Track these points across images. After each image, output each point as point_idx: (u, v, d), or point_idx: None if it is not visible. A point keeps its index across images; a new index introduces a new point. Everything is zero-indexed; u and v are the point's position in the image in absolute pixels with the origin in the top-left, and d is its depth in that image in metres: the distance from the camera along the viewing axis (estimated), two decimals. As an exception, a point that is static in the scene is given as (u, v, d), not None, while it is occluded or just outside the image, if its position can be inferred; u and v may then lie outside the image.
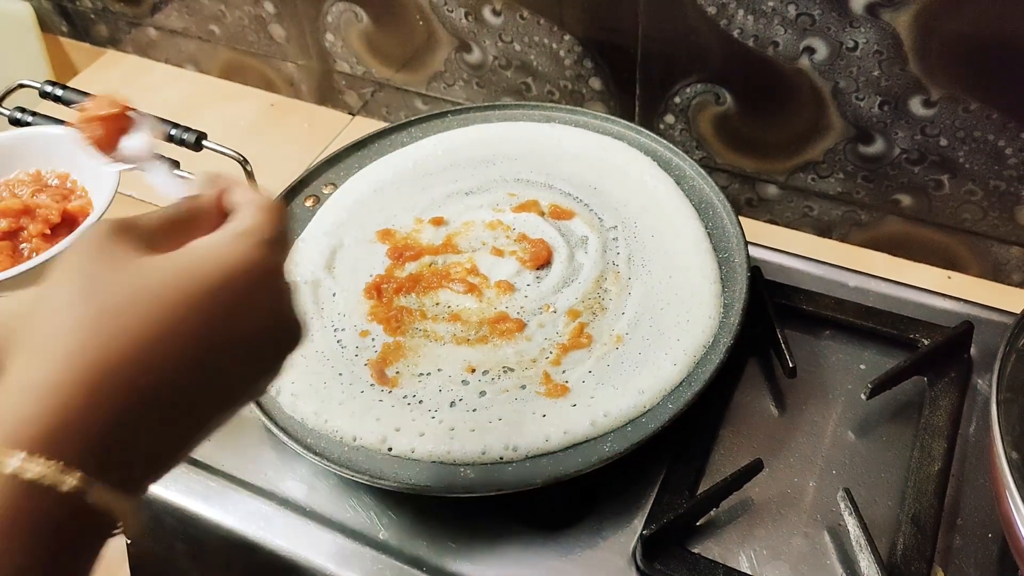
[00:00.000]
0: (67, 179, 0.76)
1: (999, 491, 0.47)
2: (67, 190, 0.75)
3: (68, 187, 0.75)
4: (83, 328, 0.30)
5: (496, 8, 0.78)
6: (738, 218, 0.66)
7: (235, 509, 0.58)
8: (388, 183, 0.73)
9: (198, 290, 0.32)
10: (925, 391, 0.60)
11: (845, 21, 0.63)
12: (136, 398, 0.30)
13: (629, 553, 0.54)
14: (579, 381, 0.58)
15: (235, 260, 0.34)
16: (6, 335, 0.32)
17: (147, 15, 1.02)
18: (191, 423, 0.33)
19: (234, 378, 0.34)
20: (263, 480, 0.59)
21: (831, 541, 0.54)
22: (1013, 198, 0.67)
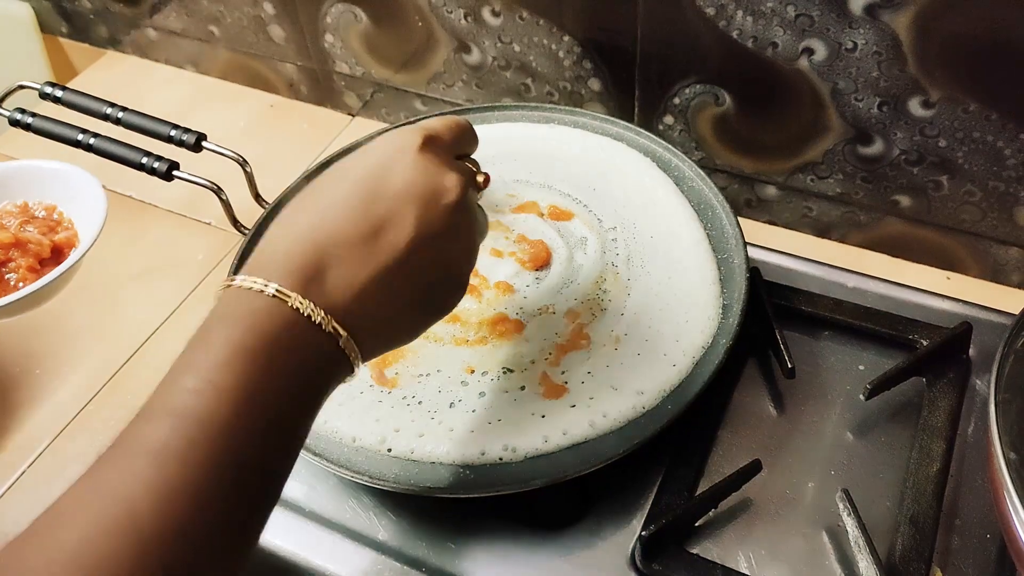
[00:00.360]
0: (54, 211, 0.76)
1: (997, 492, 0.47)
2: (54, 222, 0.76)
3: (55, 219, 0.76)
4: (293, 210, 0.44)
5: (495, 9, 0.78)
6: (737, 219, 0.66)
7: (234, 510, 0.58)
8: (387, 184, 0.73)
9: (356, 164, 0.45)
10: (924, 392, 0.60)
11: (844, 22, 0.63)
12: (328, 247, 0.41)
13: (628, 554, 0.54)
14: (578, 382, 0.58)
15: (386, 139, 0.46)
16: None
17: (146, 16, 1.02)
18: (373, 277, 0.42)
19: (396, 230, 0.42)
20: (262, 481, 0.59)
21: (830, 542, 0.54)
22: (1012, 199, 0.67)
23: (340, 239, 0.41)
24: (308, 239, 0.41)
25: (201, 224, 0.85)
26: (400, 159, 0.44)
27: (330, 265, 0.40)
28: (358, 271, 0.41)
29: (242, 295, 0.39)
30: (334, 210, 0.42)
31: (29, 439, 0.68)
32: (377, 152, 0.45)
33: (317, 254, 0.40)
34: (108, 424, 0.68)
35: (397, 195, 0.43)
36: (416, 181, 0.44)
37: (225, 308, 0.39)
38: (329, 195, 0.43)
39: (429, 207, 0.44)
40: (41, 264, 0.71)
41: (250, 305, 0.38)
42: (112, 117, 0.75)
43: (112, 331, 0.75)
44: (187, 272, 0.80)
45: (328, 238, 0.41)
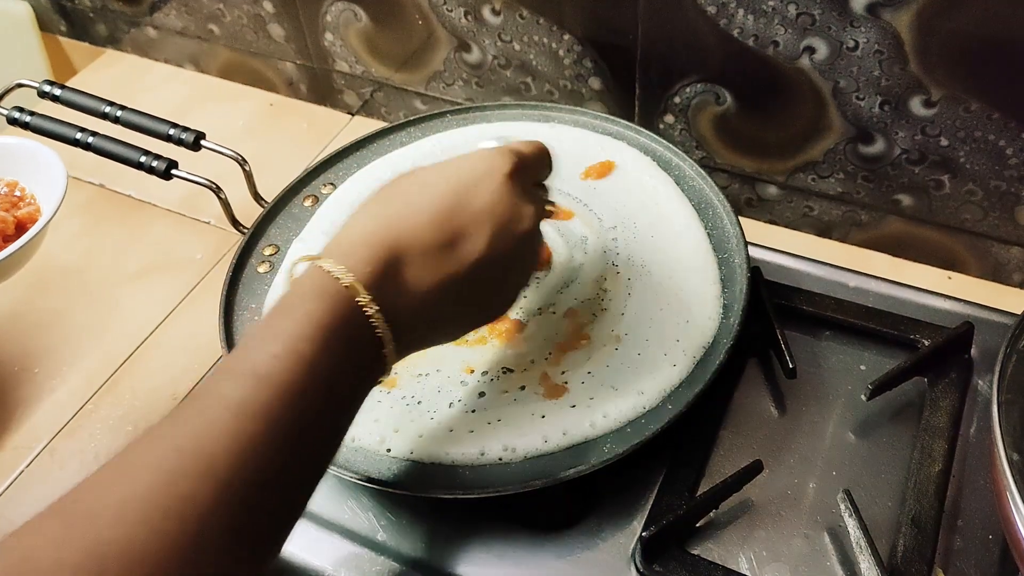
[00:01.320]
0: (16, 187, 0.76)
1: (1000, 492, 0.47)
2: (16, 198, 0.75)
3: (17, 195, 0.76)
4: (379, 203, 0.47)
5: (495, 7, 0.77)
6: (738, 218, 0.65)
7: (233, 510, 0.58)
8: (387, 183, 0.73)
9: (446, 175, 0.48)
10: (925, 392, 0.60)
11: (846, 21, 0.63)
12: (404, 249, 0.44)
13: (628, 554, 0.54)
14: (578, 382, 0.57)
15: (479, 157, 0.48)
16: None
17: (146, 14, 1.02)
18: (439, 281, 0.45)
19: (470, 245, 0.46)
20: (261, 481, 0.59)
21: (831, 542, 0.54)
22: (1014, 198, 0.67)
23: (419, 242, 0.45)
24: (390, 235, 0.44)
25: (200, 223, 0.85)
26: (488, 180, 0.47)
27: (404, 264, 0.44)
28: (425, 276, 0.45)
29: (324, 277, 0.42)
30: (419, 215, 0.45)
31: (28, 438, 0.68)
32: (467, 168, 0.48)
33: (395, 251, 0.44)
34: (107, 423, 0.68)
35: (477, 213, 0.46)
36: (497, 204, 0.47)
37: (310, 284, 0.42)
38: (416, 198, 0.46)
39: (504, 231, 0.47)
40: (4, 240, 0.70)
41: (328, 288, 0.42)
42: (111, 116, 0.74)
43: (111, 330, 0.75)
44: (186, 271, 0.80)
45: (408, 239, 0.44)
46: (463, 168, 0.48)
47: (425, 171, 0.49)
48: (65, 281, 0.80)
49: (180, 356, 0.72)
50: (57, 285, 0.79)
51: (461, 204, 0.46)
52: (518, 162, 0.49)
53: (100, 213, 0.87)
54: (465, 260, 0.46)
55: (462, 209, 0.46)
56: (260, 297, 0.65)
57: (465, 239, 0.46)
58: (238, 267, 0.67)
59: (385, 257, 0.44)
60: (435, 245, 0.45)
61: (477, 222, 0.46)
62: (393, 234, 0.44)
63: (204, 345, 0.71)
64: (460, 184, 0.47)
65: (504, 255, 0.47)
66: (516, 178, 0.48)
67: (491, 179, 0.47)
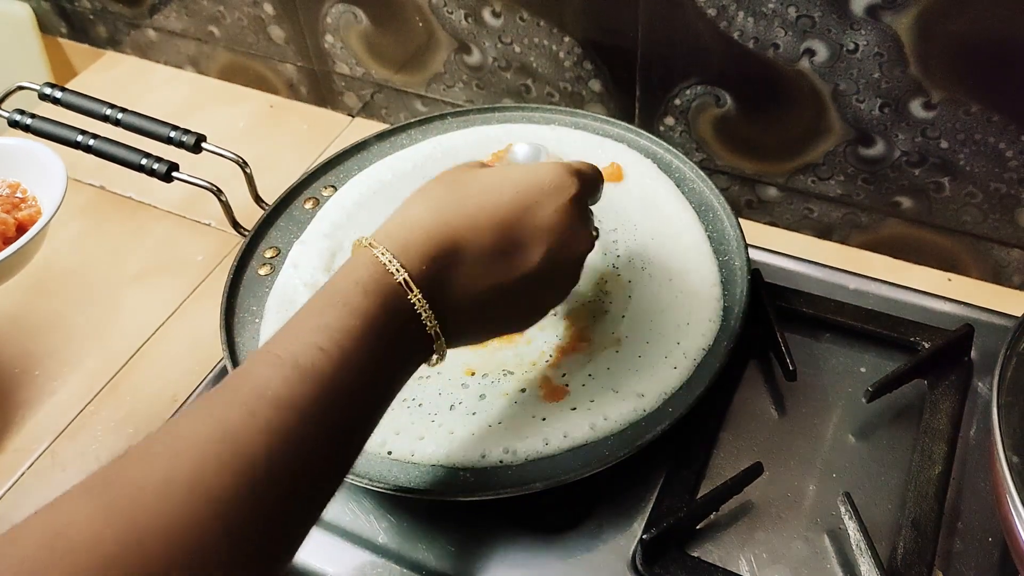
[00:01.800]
0: (18, 188, 0.76)
1: (999, 495, 0.47)
2: (18, 199, 0.75)
3: (19, 196, 0.76)
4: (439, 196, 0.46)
5: (496, 10, 0.77)
6: (738, 220, 0.66)
7: (234, 512, 0.58)
8: (388, 185, 0.73)
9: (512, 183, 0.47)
10: (925, 394, 0.60)
11: (846, 23, 0.63)
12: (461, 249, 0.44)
13: (629, 557, 0.54)
14: (579, 384, 0.57)
15: (547, 171, 0.48)
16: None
17: (146, 16, 1.02)
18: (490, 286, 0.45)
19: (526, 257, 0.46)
20: (262, 483, 0.59)
21: (831, 545, 0.54)
22: (1014, 201, 0.67)
23: (476, 245, 0.45)
24: (449, 231, 0.44)
25: (201, 225, 0.85)
26: (554, 198, 0.47)
27: (459, 263, 0.44)
28: (479, 279, 0.45)
29: (377, 268, 0.42)
30: (481, 216, 0.45)
31: (28, 440, 0.68)
32: (535, 180, 0.48)
33: (451, 249, 0.44)
34: (108, 425, 0.68)
35: (538, 228, 0.47)
36: (559, 224, 0.47)
37: (361, 274, 0.42)
38: (481, 197, 0.46)
39: (559, 251, 0.47)
40: (5, 242, 0.70)
41: (381, 281, 0.42)
42: (112, 118, 0.74)
43: (112, 332, 0.75)
44: (187, 273, 0.80)
45: (467, 239, 0.44)
46: (531, 179, 0.48)
47: (491, 172, 0.48)
48: (66, 283, 0.80)
49: (181, 358, 0.72)
50: (58, 287, 0.80)
51: (524, 214, 0.46)
52: (583, 187, 0.49)
53: (101, 215, 0.87)
54: (516, 271, 0.46)
55: (524, 220, 0.46)
56: (261, 299, 0.65)
57: (521, 250, 0.46)
58: (239, 269, 0.67)
59: (441, 254, 0.44)
60: (492, 250, 0.45)
61: (537, 237, 0.46)
62: (452, 231, 0.44)
63: (205, 347, 0.71)
64: (527, 194, 0.47)
65: (553, 274, 0.48)
66: (579, 203, 0.49)
67: (558, 197, 0.48)
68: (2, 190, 0.76)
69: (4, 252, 0.66)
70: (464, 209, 0.45)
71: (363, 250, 0.43)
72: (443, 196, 0.47)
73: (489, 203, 0.46)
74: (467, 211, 0.45)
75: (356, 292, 0.41)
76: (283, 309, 0.64)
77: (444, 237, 0.44)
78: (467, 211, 0.45)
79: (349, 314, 0.40)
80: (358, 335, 0.40)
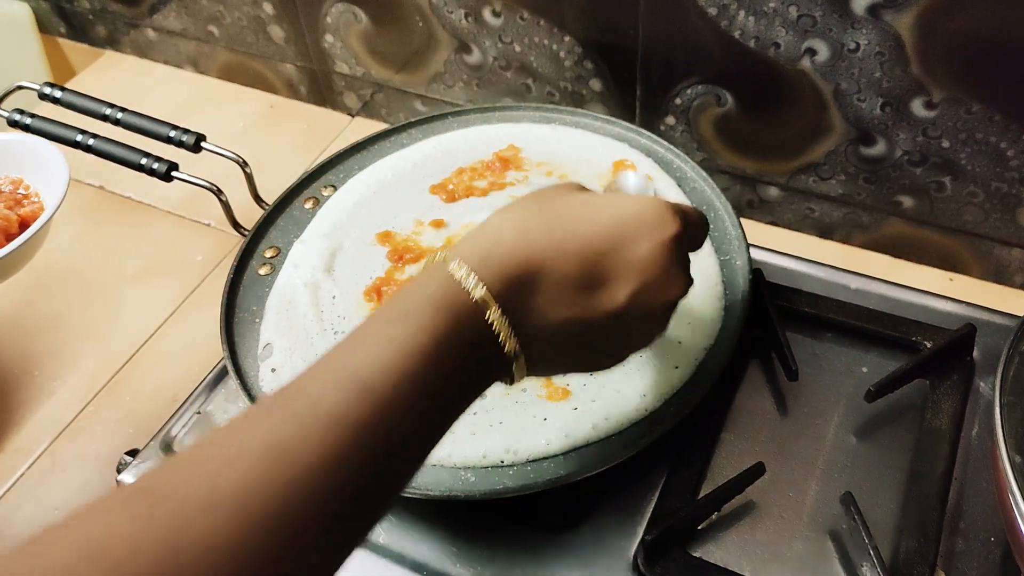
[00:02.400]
0: (20, 184, 0.76)
1: (1002, 494, 0.47)
2: (20, 195, 0.75)
3: (22, 193, 0.75)
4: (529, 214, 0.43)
5: (496, 9, 0.77)
6: (739, 220, 0.65)
7: (234, 513, 0.57)
8: (388, 185, 0.73)
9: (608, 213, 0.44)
10: (927, 394, 0.60)
11: (847, 22, 0.63)
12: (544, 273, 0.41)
13: (630, 557, 0.54)
14: (580, 384, 0.57)
15: (648, 206, 0.45)
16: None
17: (145, 16, 1.02)
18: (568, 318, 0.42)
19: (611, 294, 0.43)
20: (262, 483, 0.59)
21: (833, 545, 0.54)
22: (1015, 200, 0.67)
23: (560, 272, 0.41)
24: (533, 253, 0.41)
25: (200, 225, 0.85)
26: (651, 236, 0.44)
27: (539, 289, 0.41)
28: (558, 309, 0.42)
29: (451, 283, 0.39)
30: (569, 242, 0.42)
31: (28, 441, 0.68)
32: (633, 212, 0.44)
33: (533, 272, 0.41)
34: (108, 425, 0.68)
35: (629, 265, 0.43)
36: (652, 264, 0.44)
37: (434, 289, 0.39)
38: (573, 223, 0.43)
39: (648, 292, 0.44)
40: (8, 240, 0.70)
41: (455, 300, 0.39)
42: (111, 118, 0.74)
43: (111, 332, 0.75)
44: (186, 273, 0.80)
45: (552, 264, 0.41)
46: (628, 210, 0.44)
47: (588, 198, 0.45)
48: (65, 283, 0.80)
49: (181, 358, 0.72)
50: (57, 287, 0.79)
51: (616, 248, 0.43)
52: (684, 227, 0.46)
53: (100, 215, 0.87)
54: (599, 307, 0.43)
55: (615, 254, 0.43)
56: (261, 299, 0.65)
57: (607, 285, 0.43)
58: (239, 269, 0.67)
59: (521, 275, 0.41)
60: (575, 281, 0.42)
61: (626, 273, 0.43)
62: (536, 253, 0.41)
63: (205, 347, 0.71)
64: (622, 227, 0.43)
65: (639, 316, 0.44)
66: (678, 247, 0.45)
67: (655, 235, 0.44)
68: (5, 186, 0.76)
69: (7, 248, 0.66)
70: (553, 232, 0.42)
71: (437, 265, 0.41)
72: (533, 215, 0.43)
73: (581, 230, 0.43)
74: (555, 235, 0.42)
75: (427, 307, 0.38)
76: (283, 309, 0.64)
77: (526, 258, 0.41)
78: (555, 235, 0.42)
79: (418, 331, 0.37)
80: (425, 353, 0.37)
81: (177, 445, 0.62)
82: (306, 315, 0.63)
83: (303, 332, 0.62)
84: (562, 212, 0.43)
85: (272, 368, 0.60)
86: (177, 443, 0.62)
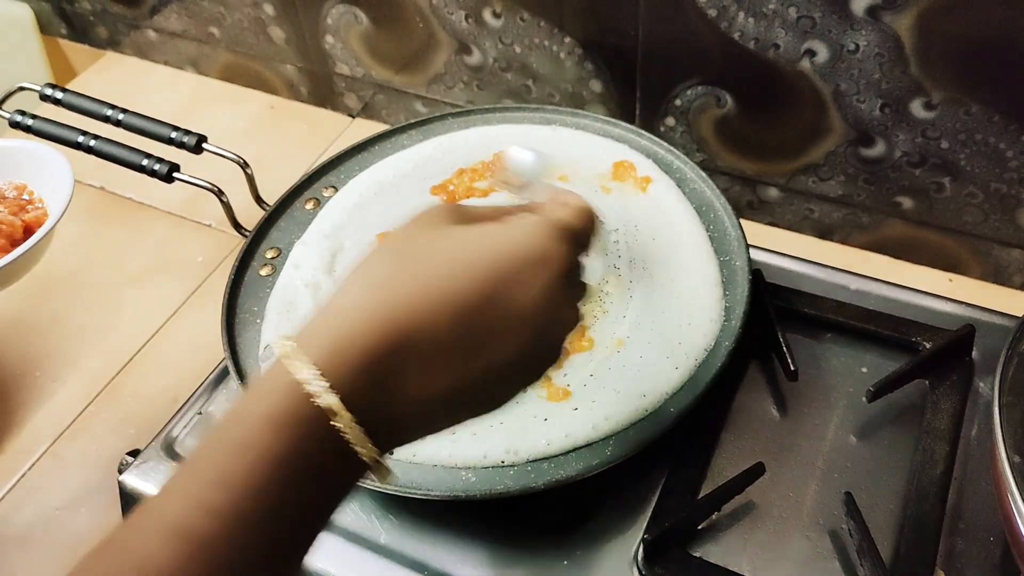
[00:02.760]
0: (24, 190, 0.76)
1: (1001, 494, 0.47)
2: (24, 201, 0.75)
3: (26, 198, 0.75)
4: (386, 274, 0.36)
5: (496, 10, 0.77)
6: (739, 220, 0.66)
7: (235, 513, 0.58)
8: (389, 186, 0.73)
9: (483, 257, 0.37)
10: (927, 394, 0.60)
11: (846, 24, 0.63)
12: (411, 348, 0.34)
13: (631, 557, 0.54)
14: (580, 385, 0.57)
15: (528, 238, 0.38)
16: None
17: (146, 17, 1.02)
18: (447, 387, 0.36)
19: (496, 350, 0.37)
20: (263, 484, 0.59)
21: (833, 544, 0.54)
22: (1014, 201, 0.67)
23: (432, 340, 0.35)
24: (397, 327, 0.34)
25: (202, 226, 0.85)
26: (535, 277, 0.37)
27: (408, 366, 0.35)
28: (434, 380, 0.35)
29: (293, 391, 0.33)
30: (441, 304, 0.35)
31: (29, 441, 0.68)
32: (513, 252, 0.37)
33: (398, 349, 0.34)
34: (109, 426, 0.68)
35: (514, 316, 0.37)
36: (540, 309, 0.38)
37: (273, 403, 0.33)
38: (441, 278, 0.36)
39: (541, 338, 0.39)
40: (12, 245, 0.70)
41: (298, 411, 0.32)
42: (112, 119, 0.74)
43: (112, 333, 0.75)
44: (187, 274, 0.80)
45: (420, 335, 0.35)
46: (506, 249, 0.37)
47: (455, 239, 0.38)
48: (66, 284, 0.80)
49: (181, 359, 0.72)
50: (58, 288, 0.80)
51: (496, 299, 0.36)
52: (573, 252, 0.40)
53: (101, 216, 0.87)
54: (483, 367, 0.37)
55: (496, 306, 0.36)
56: (262, 300, 0.65)
57: (490, 343, 0.36)
58: (240, 270, 0.67)
59: (381, 361, 0.34)
60: (451, 347, 0.35)
61: (512, 326, 0.37)
62: (399, 327, 0.34)
63: (205, 348, 0.71)
64: (500, 272, 0.37)
65: (529, 362, 0.39)
66: (569, 278, 0.40)
67: (539, 275, 0.37)
68: (9, 192, 0.76)
69: (12, 254, 0.66)
70: (417, 295, 0.35)
71: (279, 365, 0.33)
72: (392, 276, 0.36)
73: (452, 286, 0.36)
74: (421, 299, 0.35)
75: (265, 430, 0.32)
76: (284, 310, 0.64)
77: (387, 336, 0.34)
78: (421, 299, 0.35)
79: (255, 459, 0.31)
80: (265, 487, 0.31)
81: (178, 446, 0.62)
82: (307, 316, 0.63)
83: (304, 333, 0.62)
84: (428, 264, 0.37)
85: (273, 369, 0.60)
86: (178, 443, 0.62)
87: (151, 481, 0.60)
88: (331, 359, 0.33)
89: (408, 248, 0.38)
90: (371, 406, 0.34)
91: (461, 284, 0.36)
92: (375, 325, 0.34)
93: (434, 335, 0.35)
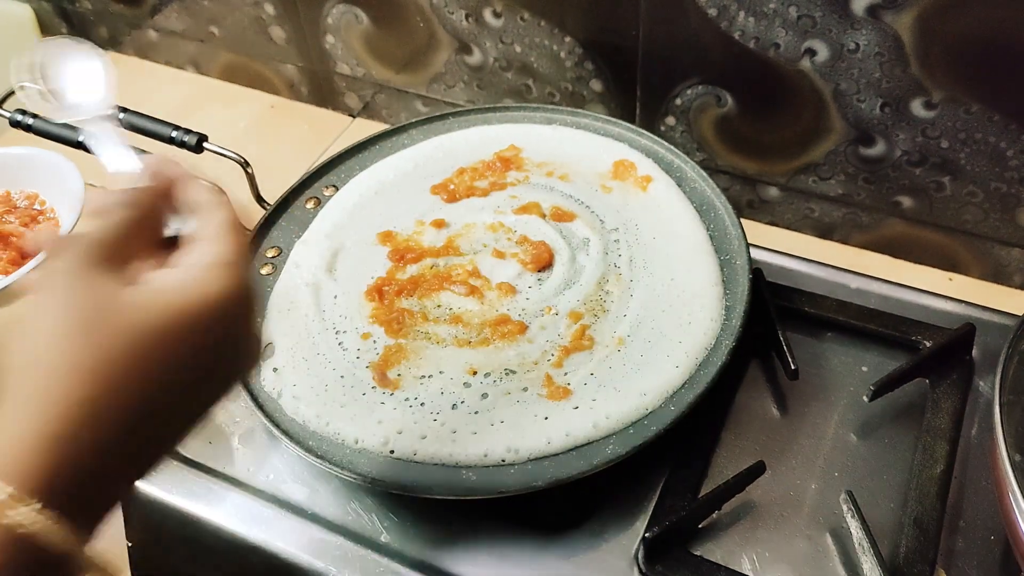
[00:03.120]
0: (36, 199, 0.75)
1: (1001, 493, 0.47)
2: (36, 211, 0.75)
3: (37, 208, 0.75)
4: (66, 375, 0.32)
5: (497, 10, 0.77)
6: (739, 220, 0.66)
7: (237, 512, 0.58)
8: (389, 185, 0.73)
9: (174, 332, 0.35)
10: (927, 393, 0.60)
11: (846, 23, 0.63)
12: (106, 443, 0.33)
13: (631, 555, 0.54)
14: (581, 383, 0.58)
15: (208, 295, 0.36)
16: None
17: (147, 17, 1.02)
18: (147, 456, 0.36)
19: (194, 404, 0.37)
20: (265, 483, 0.59)
21: (833, 543, 0.54)
22: (1014, 200, 0.67)
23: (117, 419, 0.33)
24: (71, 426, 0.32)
25: (202, 225, 0.85)
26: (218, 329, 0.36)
27: (98, 451, 0.33)
28: (131, 446, 0.34)
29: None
30: (115, 392, 0.33)
31: (30, 441, 0.68)
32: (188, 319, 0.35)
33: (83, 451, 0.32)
34: (109, 426, 0.68)
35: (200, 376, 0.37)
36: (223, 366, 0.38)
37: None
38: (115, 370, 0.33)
39: (222, 384, 0.39)
40: (22, 257, 0.70)
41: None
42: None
43: (113, 333, 0.75)
44: (188, 273, 0.80)
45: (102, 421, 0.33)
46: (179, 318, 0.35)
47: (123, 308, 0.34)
48: (67, 283, 0.80)
49: (182, 358, 0.72)
50: (59, 287, 0.79)
51: (178, 370, 0.35)
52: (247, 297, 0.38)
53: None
54: (176, 422, 0.37)
55: (179, 372, 0.35)
56: (262, 299, 0.65)
57: (178, 404, 0.36)
58: None
59: (66, 459, 0.32)
60: (140, 420, 0.34)
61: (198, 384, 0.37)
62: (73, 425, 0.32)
63: (206, 347, 0.71)
64: (181, 342, 0.35)
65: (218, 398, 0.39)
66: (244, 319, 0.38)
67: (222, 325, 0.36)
68: (20, 201, 0.75)
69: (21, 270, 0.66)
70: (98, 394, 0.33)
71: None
72: (62, 374, 0.33)
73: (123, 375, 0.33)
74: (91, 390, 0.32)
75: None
76: (285, 309, 0.64)
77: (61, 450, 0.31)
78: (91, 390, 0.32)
79: None
80: None
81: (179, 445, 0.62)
82: (308, 315, 0.63)
83: (305, 332, 0.62)
84: (105, 355, 0.33)
85: (274, 368, 0.60)
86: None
87: (151, 481, 0.60)
88: (10, 477, 0.31)
89: (78, 336, 0.33)
90: (63, 505, 0.31)
91: (154, 365, 0.34)
92: (47, 432, 0.32)
93: (131, 426, 0.34)
